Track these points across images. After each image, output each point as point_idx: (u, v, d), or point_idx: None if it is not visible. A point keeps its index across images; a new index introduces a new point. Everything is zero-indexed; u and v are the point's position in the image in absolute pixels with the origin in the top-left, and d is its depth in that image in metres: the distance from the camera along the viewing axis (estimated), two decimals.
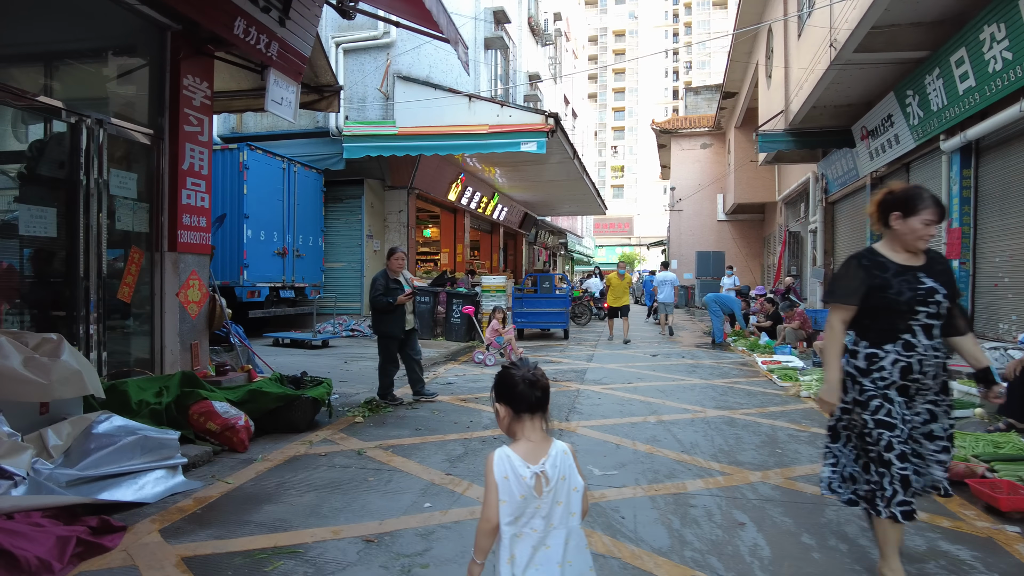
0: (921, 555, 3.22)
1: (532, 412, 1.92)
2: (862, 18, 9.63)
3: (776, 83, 17.07)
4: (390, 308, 6.65)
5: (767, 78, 18.77)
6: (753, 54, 20.38)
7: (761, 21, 18.79)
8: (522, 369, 1.95)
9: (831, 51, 11.20)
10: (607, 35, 77.03)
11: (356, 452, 4.92)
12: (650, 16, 76.45)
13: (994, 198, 10.00)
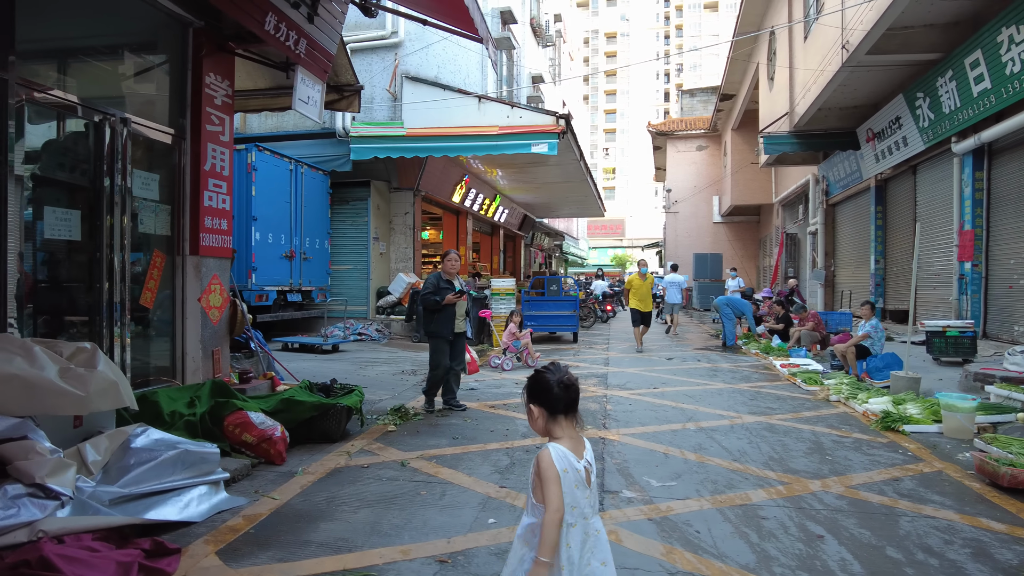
0: (1017, 569, 3.11)
1: (567, 412, 2.09)
2: (879, 19, 9.60)
3: (780, 85, 17.06)
4: (437, 307, 6.52)
5: (769, 80, 18.77)
6: (753, 56, 20.39)
7: (763, 23, 18.81)
8: (556, 373, 2.12)
9: (843, 53, 11.17)
10: (599, 37, 77.16)
11: (400, 463, 4.74)
12: (641, 18, 76.72)
13: (1009, 200, 10.00)
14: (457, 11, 5.61)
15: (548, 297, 13.74)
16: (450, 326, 6.61)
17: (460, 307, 6.75)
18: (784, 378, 9.07)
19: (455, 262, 6.82)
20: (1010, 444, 4.82)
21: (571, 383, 2.10)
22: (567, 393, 2.08)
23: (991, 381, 6.74)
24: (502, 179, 17.62)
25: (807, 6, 14.65)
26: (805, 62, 14.03)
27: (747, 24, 19.20)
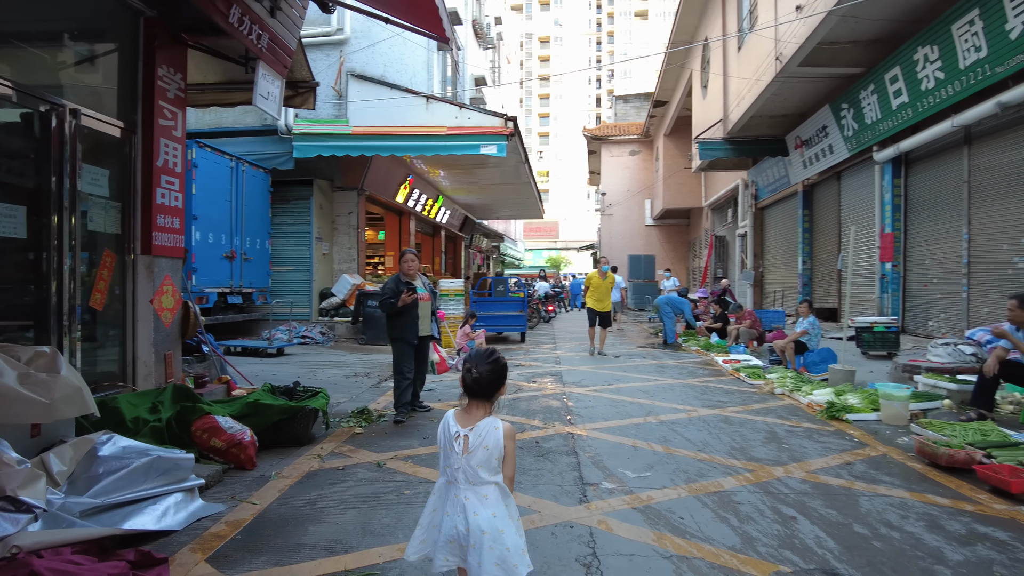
0: (966, 538, 3.41)
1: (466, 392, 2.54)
2: (810, 34, 10.17)
3: (714, 93, 17.75)
4: (395, 311, 6.25)
5: (703, 88, 19.50)
6: (687, 64, 21.13)
7: (698, 32, 19.52)
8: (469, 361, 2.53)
9: (777, 64, 11.75)
10: (532, 41, 77.92)
11: (376, 464, 4.69)
12: (574, 24, 78.04)
13: (924, 206, 10.81)
14: (423, 11, 5.61)
15: (496, 298, 13.82)
16: (414, 329, 6.38)
17: (424, 308, 6.51)
18: (728, 373, 9.48)
19: (412, 262, 6.50)
20: (943, 428, 5.26)
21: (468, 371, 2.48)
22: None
23: (918, 372, 7.30)
24: (445, 180, 17.58)
25: (741, 19, 15.34)
26: (739, 71, 14.67)
27: (682, 32, 19.90)
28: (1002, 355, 5.60)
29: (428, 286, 6.67)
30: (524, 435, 5.63)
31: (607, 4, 78.55)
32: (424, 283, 6.60)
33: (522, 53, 67.03)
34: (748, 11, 14.61)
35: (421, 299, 6.42)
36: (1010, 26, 7.44)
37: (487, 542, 2.27)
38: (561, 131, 75.96)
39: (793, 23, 10.63)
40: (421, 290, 6.44)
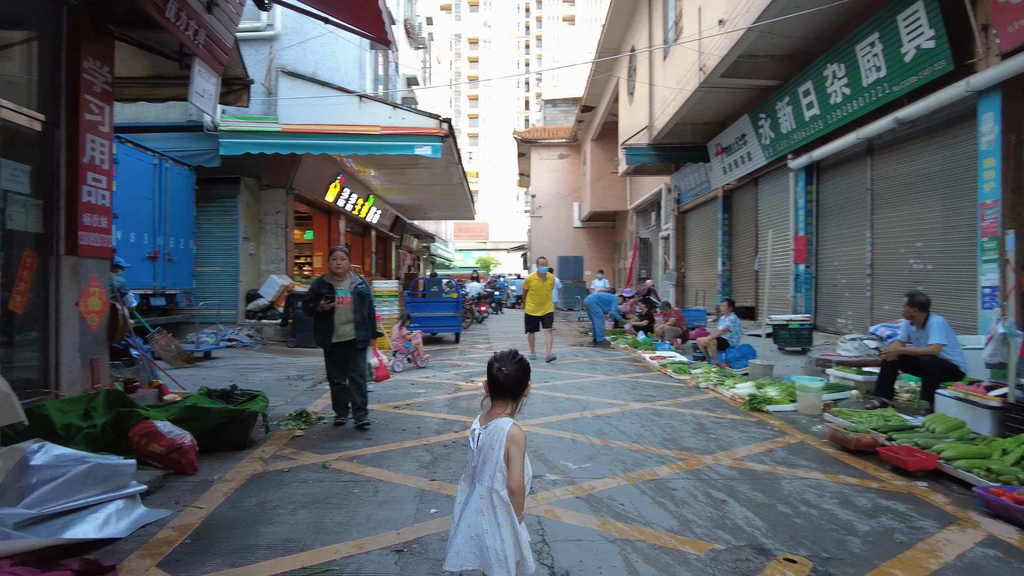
0: (872, 511, 3.79)
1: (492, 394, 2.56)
2: (732, 47, 10.75)
3: (640, 100, 18.39)
4: (311, 314, 5.96)
5: (629, 95, 20.15)
6: (614, 71, 21.76)
7: (624, 40, 20.15)
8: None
9: (700, 75, 12.35)
10: (461, 42, 77.85)
11: (321, 466, 4.70)
12: (503, 26, 78.54)
13: (833, 211, 11.64)
14: (364, 12, 5.64)
15: (430, 299, 13.84)
16: (327, 334, 5.92)
17: (344, 313, 5.95)
18: (655, 369, 9.91)
19: (342, 260, 6.07)
20: (852, 415, 5.75)
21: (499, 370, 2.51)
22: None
23: (829, 365, 7.90)
24: (376, 179, 17.43)
25: (666, 30, 15.98)
26: (664, 80, 15.28)
27: (609, 40, 20.49)
28: (899, 348, 6.17)
29: (359, 287, 6.06)
30: (467, 432, 5.73)
31: (536, 8, 79.57)
32: (353, 283, 6.06)
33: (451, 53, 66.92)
34: (673, 22, 15.25)
35: (340, 303, 5.92)
36: (904, 50, 8.17)
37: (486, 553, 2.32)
38: (491, 132, 76.35)
39: (716, 37, 11.21)
40: (343, 292, 5.95)
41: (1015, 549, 3.24)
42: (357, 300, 6.02)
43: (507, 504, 2.35)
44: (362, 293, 6.08)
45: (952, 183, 8.21)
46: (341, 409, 6.13)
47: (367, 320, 6.14)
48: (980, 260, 7.32)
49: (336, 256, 6.13)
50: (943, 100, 7.70)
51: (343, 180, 15.63)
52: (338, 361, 6.06)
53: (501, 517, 2.35)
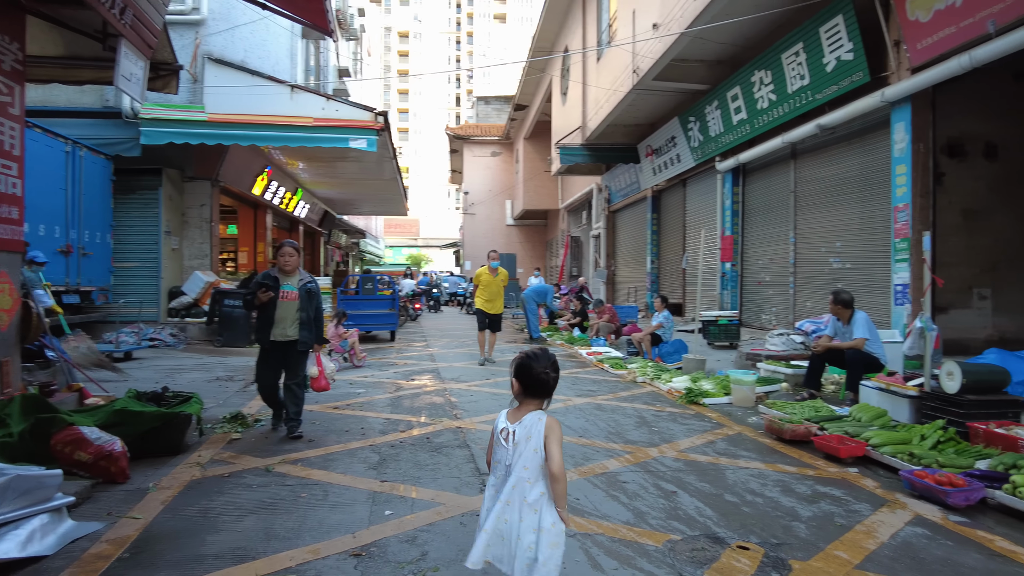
0: (812, 497, 4.00)
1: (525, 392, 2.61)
2: (665, 51, 11.05)
3: (573, 100, 18.64)
4: (250, 308, 5.63)
5: (562, 95, 20.39)
6: (547, 70, 21.96)
7: (558, 40, 20.34)
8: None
9: (634, 77, 12.63)
10: (391, 35, 76.56)
11: (264, 470, 4.51)
12: (434, 21, 77.72)
13: (757, 212, 12.17)
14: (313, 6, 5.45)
15: (364, 296, 13.54)
16: (267, 331, 5.47)
17: (287, 309, 5.49)
18: (592, 364, 10.08)
19: (290, 256, 5.61)
20: (784, 407, 6.03)
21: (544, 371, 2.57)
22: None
23: (759, 359, 8.26)
24: (305, 172, 16.91)
25: (600, 31, 16.25)
26: (598, 81, 15.55)
27: (543, 40, 20.64)
28: (827, 342, 6.54)
29: (307, 284, 5.63)
30: (413, 432, 5.67)
31: (467, 4, 79.21)
32: (302, 280, 5.62)
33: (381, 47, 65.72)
34: (607, 24, 15.52)
35: (285, 298, 5.49)
36: (826, 60, 8.63)
37: (525, 554, 2.30)
38: (421, 127, 75.50)
39: (650, 40, 11.49)
40: (288, 287, 5.52)
41: (939, 527, 3.49)
42: (304, 298, 5.56)
43: (540, 498, 2.37)
44: (310, 291, 5.64)
45: (868, 187, 8.75)
46: (277, 412, 5.74)
47: (313, 321, 5.66)
48: (893, 259, 7.84)
49: (284, 251, 5.65)
50: (861, 109, 8.19)
51: (271, 173, 15.08)
52: (274, 363, 5.57)
53: (527, 513, 2.36)
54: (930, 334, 5.25)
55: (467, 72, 74.57)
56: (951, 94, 7.69)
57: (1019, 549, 3.21)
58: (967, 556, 3.13)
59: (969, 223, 8.00)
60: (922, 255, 5.33)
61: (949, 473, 3.88)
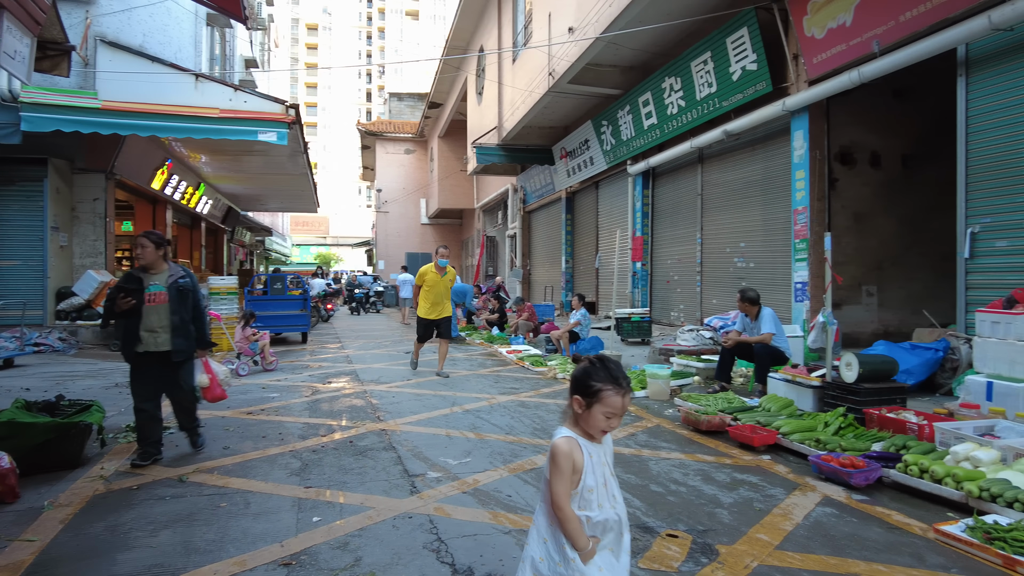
0: (731, 484, 4.21)
1: None
2: (581, 55, 11.32)
3: (489, 100, 18.71)
4: (111, 317, 4.70)
5: (478, 94, 20.42)
6: (463, 69, 21.93)
7: (473, 39, 20.35)
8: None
9: (550, 79, 12.85)
10: (299, 27, 73.81)
11: (177, 480, 4.25)
12: (344, 15, 75.55)
13: (666, 214, 12.68)
14: None
15: (274, 296, 13.00)
16: (132, 340, 4.64)
17: (155, 314, 4.64)
18: (513, 362, 10.16)
19: (144, 248, 4.71)
20: (698, 399, 6.31)
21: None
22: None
23: (672, 354, 8.60)
24: (208, 166, 16.04)
25: (516, 32, 16.38)
26: (514, 82, 15.69)
27: (458, 39, 20.60)
28: (735, 337, 6.90)
29: (180, 281, 4.76)
30: (335, 436, 5.50)
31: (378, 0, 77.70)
32: (172, 277, 4.75)
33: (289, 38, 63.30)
34: (523, 26, 15.68)
35: (152, 301, 4.63)
36: (732, 70, 9.10)
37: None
38: (330, 122, 73.32)
39: (565, 44, 11.71)
40: (156, 287, 4.67)
41: (845, 505, 3.77)
42: (176, 298, 4.70)
43: (551, 536, 2.10)
44: (183, 289, 4.76)
45: (770, 190, 9.32)
46: (149, 444, 4.67)
47: (191, 325, 4.83)
48: (793, 259, 8.39)
49: (140, 243, 4.72)
50: (764, 117, 8.71)
51: (171, 166, 14.20)
52: (149, 379, 4.72)
53: (539, 552, 2.11)
54: (831, 328, 5.67)
55: (379, 68, 73.22)
56: (843, 106, 8.33)
57: (912, 521, 3.51)
58: (870, 531, 3.40)
59: (858, 225, 8.68)
60: (823, 254, 5.73)
61: (851, 456, 4.20)
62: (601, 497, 2.07)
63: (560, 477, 2.02)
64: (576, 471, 2.03)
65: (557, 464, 2.03)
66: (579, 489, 2.04)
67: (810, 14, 7.65)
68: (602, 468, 2.09)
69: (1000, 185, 5.99)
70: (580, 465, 2.03)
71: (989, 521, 3.23)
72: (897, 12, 6.57)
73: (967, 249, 6.21)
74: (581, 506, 2.05)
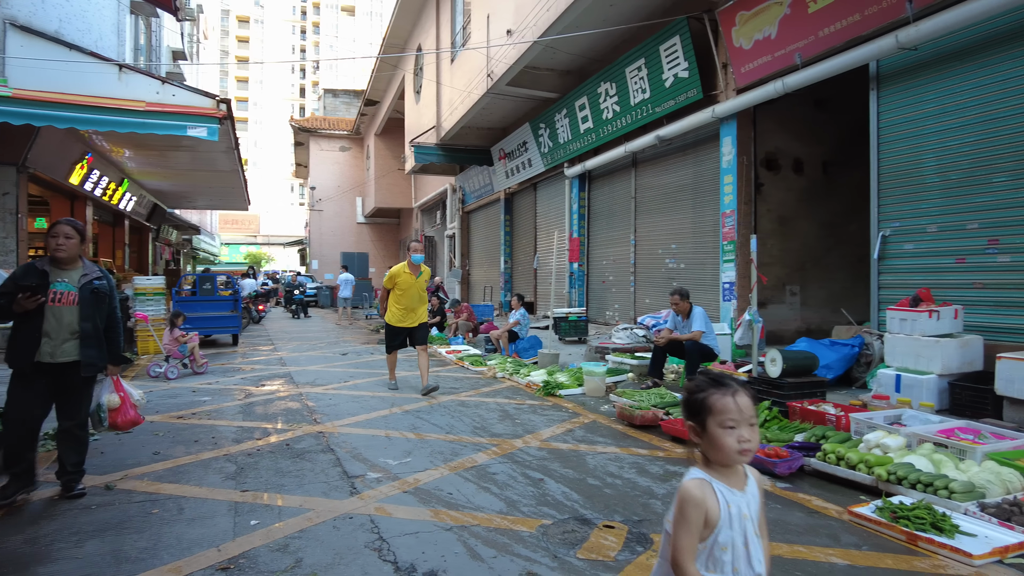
0: (664, 476, 4.38)
1: None
2: (519, 57, 11.44)
3: (427, 99, 18.62)
4: (5, 316, 3.85)
5: (416, 93, 20.28)
6: (400, 67, 21.74)
7: (411, 38, 20.20)
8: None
9: (488, 80, 12.92)
10: (230, 19, 71.10)
11: (103, 488, 4.08)
12: (277, 8, 73.28)
13: (602, 216, 12.96)
14: None
15: (203, 297, 12.54)
16: (27, 349, 3.83)
17: (60, 317, 3.91)
18: (452, 362, 10.18)
19: (66, 239, 3.99)
20: (633, 395, 6.51)
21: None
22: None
23: (607, 352, 8.82)
24: (132, 161, 15.30)
25: (454, 33, 16.37)
26: (452, 82, 15.68)
27: (396, 37, 20.40)
28: (667, 335, 7.16)
29: (95, 282, 4.07)
30: (271, 439, 5.40)
31: None
32: (86, 276, 4.05)
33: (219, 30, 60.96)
34: (462, 26, 15.69)
35: (58, 301, 3.91)
36: (665, 76, 9.41)
37: None
38: (262, 118, 71.06)
39: (504, 46, 11.81)
40: (64, 286, 3.94)
41: (770, 493, 3.99)
42: (89, 301, 4.01)
43: None
44: (99, 292, 4.07)
45: (700, 194, 9.68)
46: (20, 472, 3.86)
47: (104, 333, 4.15)
48: (721, 260, 8.75)
49: (58, 231, 3.98)
50: (694, 123, 9.03)
51: (92, 160, 13.46)
52: (41, 393, 3.91)
53: None
54: (756, 326, 5.96)
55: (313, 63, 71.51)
56: (769, 114, 8.74)
57: (829, 505, 3.76)
58: (792, 515, 3.62)
59: (783, 228, 9.14)
60: (749, 256, 6.02)
61: (775, 446, 4.45)
62: (738, 559, 1.61)
63: (686, 530, 1.59)
64: (709, 524, 1.60)
65: (684, 514, 1.60)
66: (709, 544, 1.61)
67: (738, 25, 8.00)
68: (742, 522, 1.62)
69: (907, 192, 6.45)
70: (715, 516, 1.60)
71: (895, 502, 3.50)
72: (817, 28, 6.96)
73: (878, 251, 6.65)
74: (709, 567, 1.62)
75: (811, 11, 6.94)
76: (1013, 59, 5.50)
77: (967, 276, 5.88)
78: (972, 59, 5.82)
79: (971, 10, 5.44)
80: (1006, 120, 5.56)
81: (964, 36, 5.82)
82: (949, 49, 5.98)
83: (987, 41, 5.69)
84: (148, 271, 20.74)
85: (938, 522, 3.21)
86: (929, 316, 5.46)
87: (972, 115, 5.83)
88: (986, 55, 5.71)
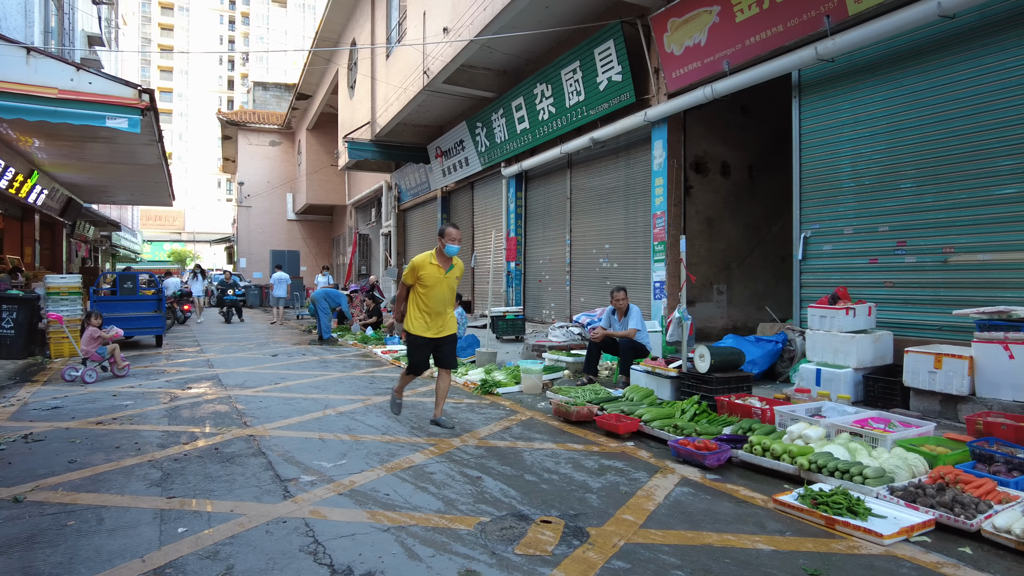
0: (599, 470, 4.48)
1: None
2: (455, 55, 11.42)
3: (361, 95, 18.31)
4: None
5: (349, 88, 19.91)
6: (334, 61, 21.29)
7: (345, 32, 19.81)
8: None
9: (424, 78, 12.84)
10: (152, 5, 67.61)
11: (12, 500, 3.83)
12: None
13: (538, 215, 13.10)
14: None
15: (124, 296, 11.91)
16: None
17: None
18: (389, 363, 10.07)
19: None
20: (568, 392, 6.62)
21: None
22: None
23: (544, 349, 8.92)
24: (43, 152, 14.36)
25: (390, 28, 16.17)
26: (387, 78, 15.48)
27: (329, 30, 19.96)
28: (604, 332, 7.31)
29: None
30: (199, 443, 5.20)
31: None
32: None
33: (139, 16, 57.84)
34: (397, 22, 15.51)
35: None
36: (599, 80, 9.60)
37: None
38: (187, 110, 68.01)
39: (440, 44, 11.75)
40: None
41: (700, 484, 4.15)
42: None
43: None
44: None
45: (632, 195, 9.93)
46: None
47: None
48: (653, 260, 9.00)
49: None
50: (627, 126, 9.26)
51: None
52: None
53: None
54: (686, 323, 6.17)
55: (242, 55, 68.99)
56: (698, 119, 9.06)
57: (756, 495, 3.94)
58: (721, 505, 3.78)
59: (710, 229, 9.48)
60: (679, 256, 6.23)
61: (705, 440, 4.63)
62: None
63: None
64: None
65: None
66: None
67: (670, 31, 8.25)
68: None
69: (826, 196, 6.82)
70: None
71: (816, 489, 3.71)
72: (744, 36, 7.26)
73: (800, 252, 7.00)
74: None
75: (739, 20, 7.24)
76: (917, 74, 5.91)
77: (879, 275, 6.28)
78: (882, 73, 6.22)
79: (881, 27, 5.82)
80: (911, 130, 5.97)
81: (875, 51, 6.22)
82: (863, 62, 6.37)
83: (894, 56, 6.09)
84: (62, 269, 19.56)
85: (853, 506, 3.42)
86: (846, 313, 5.80)
87: (882, 125, 6.23)
88: (894, 70, 6.12)
